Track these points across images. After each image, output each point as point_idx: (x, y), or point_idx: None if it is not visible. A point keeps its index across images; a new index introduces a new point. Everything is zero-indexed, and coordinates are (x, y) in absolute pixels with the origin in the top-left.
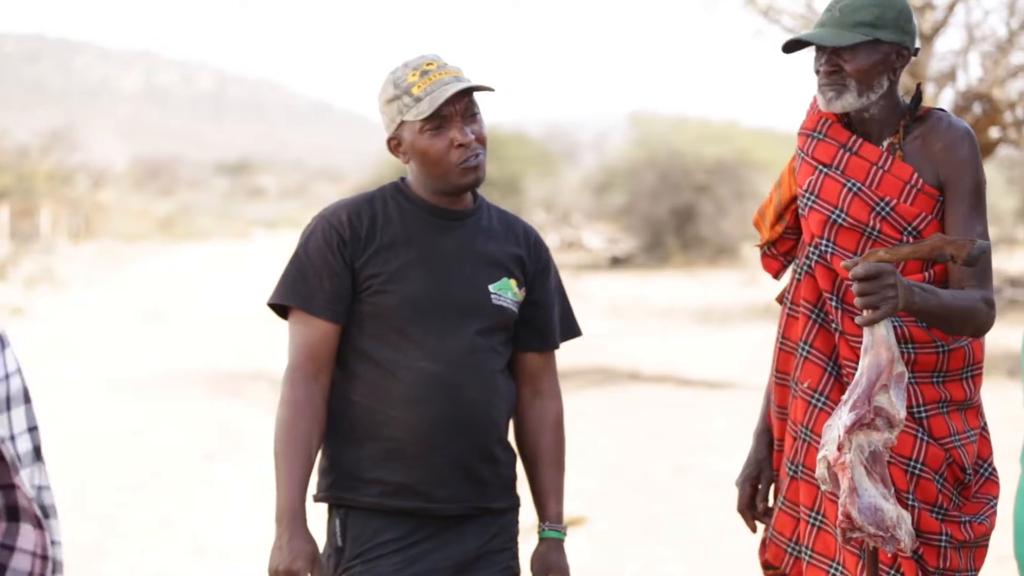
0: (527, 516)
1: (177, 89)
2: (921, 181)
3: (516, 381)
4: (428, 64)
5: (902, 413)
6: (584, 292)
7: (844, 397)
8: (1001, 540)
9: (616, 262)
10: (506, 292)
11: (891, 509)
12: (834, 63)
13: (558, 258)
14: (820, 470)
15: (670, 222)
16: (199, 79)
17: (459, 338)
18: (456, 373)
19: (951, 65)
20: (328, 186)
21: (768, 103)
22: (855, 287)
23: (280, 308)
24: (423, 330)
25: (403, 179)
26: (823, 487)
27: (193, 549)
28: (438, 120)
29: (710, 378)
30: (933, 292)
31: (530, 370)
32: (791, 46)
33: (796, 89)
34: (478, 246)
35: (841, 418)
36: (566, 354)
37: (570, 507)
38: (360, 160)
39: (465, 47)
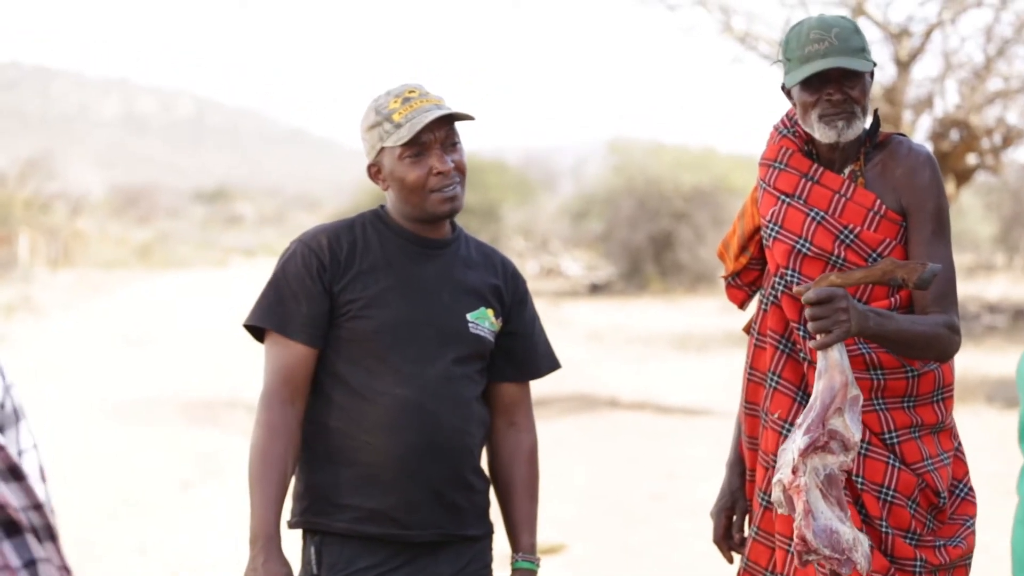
0: (500, 544)
1: (155, 116)
2: (884, 207)
3: (491, 411)
4: (410, 92)
5: (857, 436)
6: (563, 319)
7: (799, 421)
8: (980, 563)
9: (595, 289)
10: (483, 321)
11: (847, 532)
12: (843, 92)
13: (536, 285)
14: (776, 493)
15: (648, 249)
16: (177, 106)
17: (435, 366)
18: (432, 400)
19: (928, 92)
20: (305, 213)
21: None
22: (807, 312)
23: (256, 330)
24: (400, 357)
25: (383, 206)
26: (779, 510)
27: (170, 575)
28: (417, 147)
29: (688, 405)
30: (890, 317)
31: (506, 401)
32: (806, 79)
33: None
34: (456, 275)
35: (795, 441)
36: (545, 381)
37: (548, 533)
38: (337, 187)
39: (443, 76)
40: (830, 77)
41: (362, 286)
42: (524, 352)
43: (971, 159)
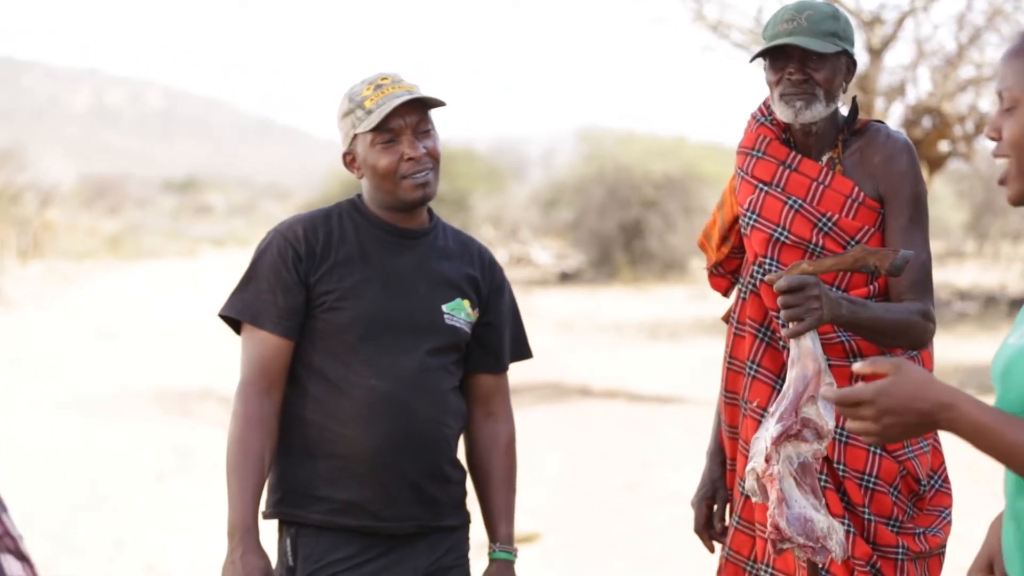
0: (477, 533)
1: (125, 107)
2: (862, 195)
3: (468, 402)
4: (383, 79)
5: (831, 424)
6: (533, 308)
7: (771, 409)
8: (955, 553)
9: (565, 277)
10: (459, 312)
11: (821, 520)
12: (805, 72)
13: (507, 274)
14: (750, 482)
15: (618, 237)
16: (147, 97)
17: (411, 357)
18: (407, 392)
19: (901, 79)
20: (275, 203)
21: (716, 118)
22: (779, 300)
23: (233, 321)
24: (375, 348)
25: (359, 196)
26: (754, 499)
27: (145, 568)
28: (389, 134)
29: (660, 393)
30: (863, 304)
31: (483, 391)
32: (762, 53)
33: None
34: (433, 265)
35: (768, 430)
36: (516, 370)
37: (522, 523)
38: (306, 177)
39: (412, 64)
40: (792, 56)
41: (338, 277)
42: (501, 342)
43: (943, 146)
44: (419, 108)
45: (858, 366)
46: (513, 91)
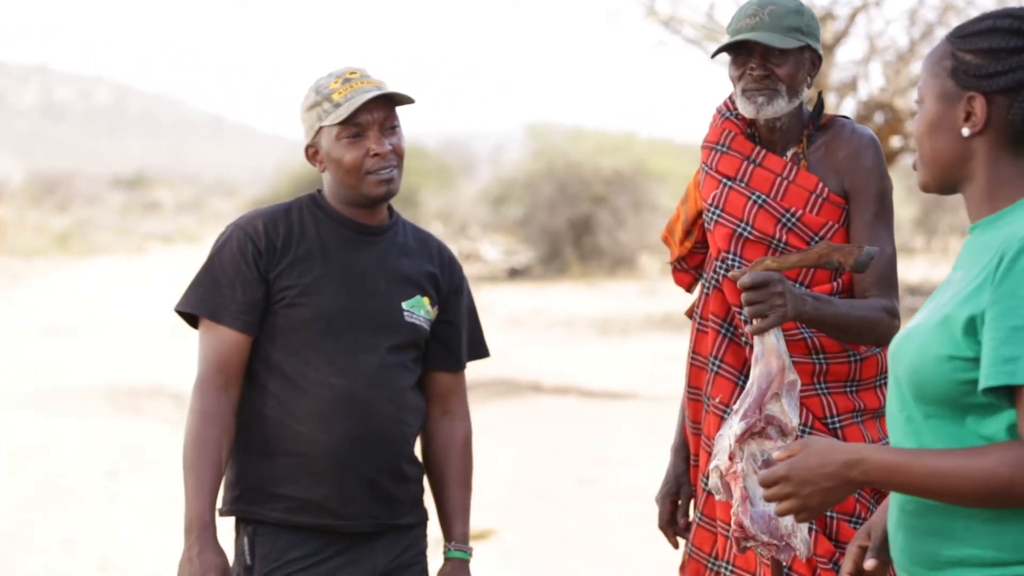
0: (432, 530)
1: (74, 103)
2: (826, 190)
3: (426, 399)
4: (351, 73)
5: (795, 421)
6: (483, 304)
7: (735, 406)
8: None
9: (514, 274)
10: (419, 310)
11: (785, 518)
12: (766, 68)
13: None
14: (713, 479)
15: (568, 233)
16: (96, 93)
17: (370, 354)
18: (366, 389)
19: (853, 75)
20: (223, 200)
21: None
22: (743, 296)
23: (189, 316)
24: (334, 345)
25: (319, 191)
26: (717, 497)
27: (98, 565)
28: (355, 128)
29: (612, 389)
30: (827, 301)
31: (440, 389)
32: (723, 49)
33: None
34: (393, 262)
35: (732, 427)
36: (468, 366)
37: (476, 520)
38: (255, 174)
39: (360, 60)
40: (754, 52)
41: (298, 273)
42: (459, 341)
43: (895, 142)
44: (387, 104)
45: (775, 454)
46: (463, 87)
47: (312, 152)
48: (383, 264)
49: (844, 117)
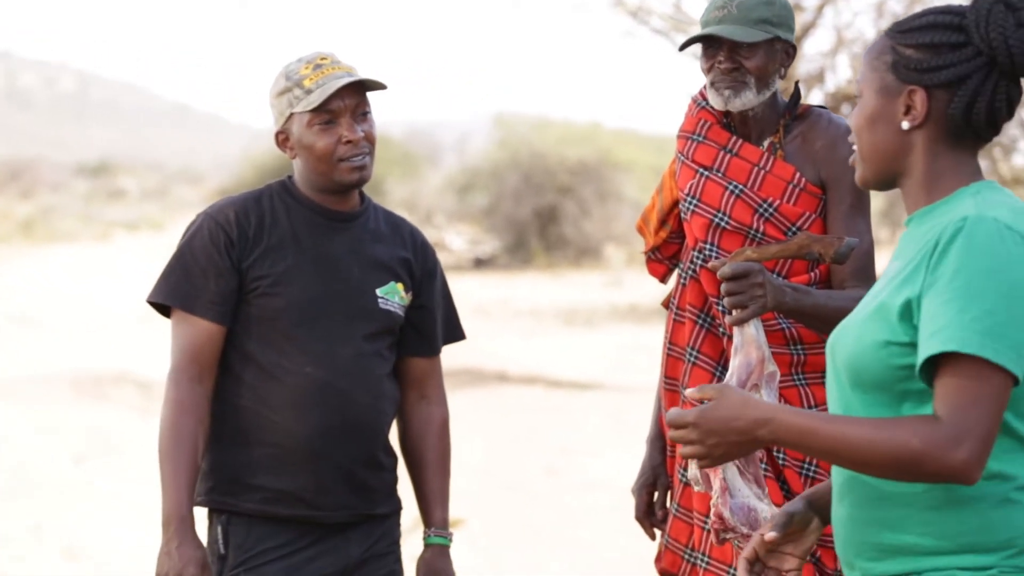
0: (407, 516)
1: (38, 91)
2: (803, 180)
3: (401, 385)
4: (322, 59)
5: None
6: None
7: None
8: None
9: (479, 263)
10: (393, 296)
11: (765, 509)
12: (735, 60)
13: None
14: (692, 470)
15: (533, 223)
16: (60, 80)
17: (345, 343)
18: (342, 379)
19: (820, 67)
20: (188, 188)
21: (631, 104)
22: (723, 287)
23: (162, 306)
24: (309, 334)
25: (290, 177)
26: (696, 487)
27: (64, 552)
28: (327, 115)
29: (578, 379)
30: (807, 292)
31: (416, 375)
32: (690, 42)
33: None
34: (366, 249)
35: None
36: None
37: None
38: (220, 162)
39: (326, 47)
40: (722, 45)
41: (271, 262)
42: (433, 325)
43: None
44: (358, 91)
45: (688, 392)
46: (428, 76)
47: (282, 139)
48: (356, 251)
49: (820, 107)
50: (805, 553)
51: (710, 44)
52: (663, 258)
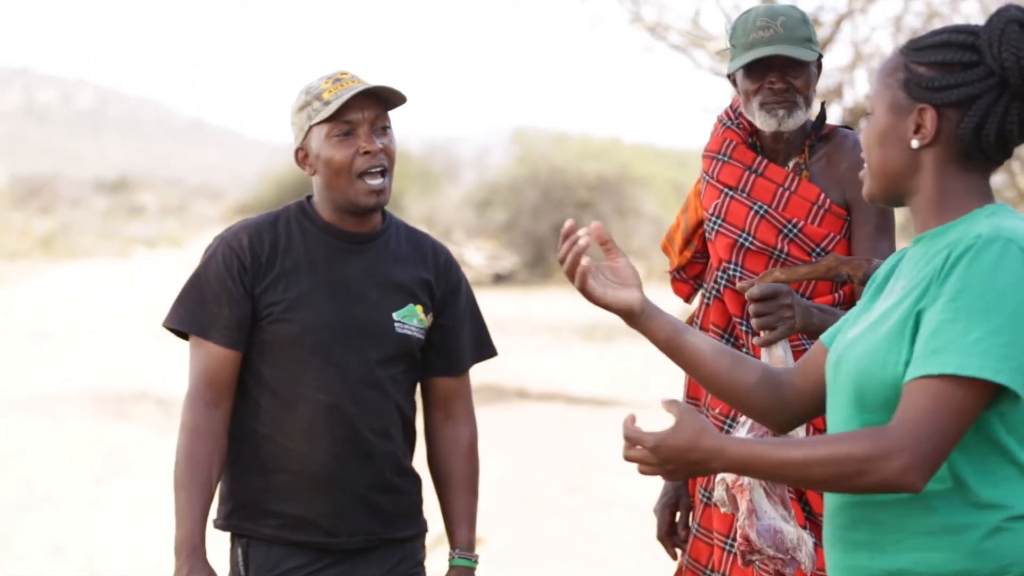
0: (430, 534)
1: (56, 106)
2: (828, 201)
3: (427, 405)
4: (342, 74)
5: (801, 434)
6: None
7: (742, 418)
8: None
9: (498, 279)
10: (411, 319)
11: (791, 531)
12: (786, 80)
13: None
14: (719, 492)
15: (552, 238)
16: (78, 96)
17: (360, 368)
18: (351, 405)
19: (838, 81)
20: (208, 204)
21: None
22: (752, 308)
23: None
24: (322, 360)
25: (309, 197)
26: (723, 509)
27: (85, 571)
28: (346, 126)
29: (598, 395)
30: (833, 313)
31: (441, 394)
32: (752, 64)
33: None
34: (384, 271)
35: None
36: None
37: None
38: (238, 178)
39: (344, 64)
40: (773, 65)
41: (284, 288)
42: (458, 345)
43: None
44: (378, 103)
45: (664, 403)
46: (446, 91)
47: (302, 155)
48: (373, 273)
49: (846, 127)
50: (612, 300)
51: (756, 65)
52: (688, 278)
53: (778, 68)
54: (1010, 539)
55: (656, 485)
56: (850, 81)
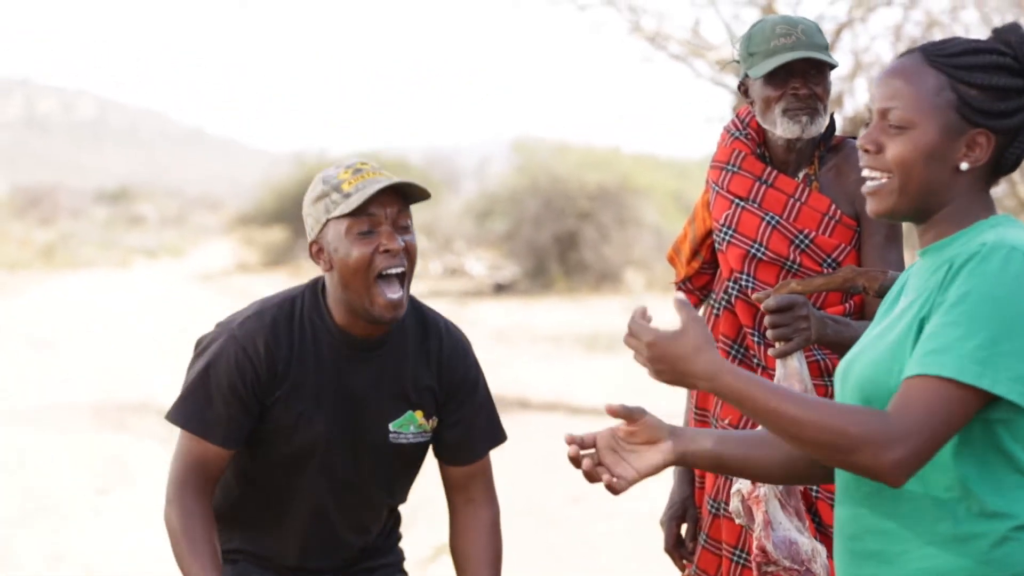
0: (427, 546)
1: (57, 117)
2: (839, 212)
3: (447, 488)
4: (362, 163)
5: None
6: (468, 319)
7: (758, 430)
8: None
9: (499, 289)
10: (407, 428)
11: (806, 543)
12: (809, 87)
13: (440, 286)
14: (735, 504)
15: (553, 248)
16: (79, 106)
17: (348, 474)
18: (337, 508)
19: (839, 91)
20: (207, 214)
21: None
22: (767, 319)
23: None
24: (313, 468)
25: (323, 287)
26: (737, 520)
27: None
28: (367, 222)
29: (600, 405)
30: (846, 324)
31: (460, 480)
32: (775, 70)
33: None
34: (388, 378)
35: None
36: None
37: None
38: (237, 187)
39: (345, 74)
40: (796, 71)
41: (291, 402)
42: (470, 436)
43: None
44: (400, 199)
45: (675, 301)
46: (446, 101)
47: (316, 249)
48: (378, 383)
49: (854, 138)
50: (644, 470)
51: (778, 72)
52: (694, 289)
53: (801, 74)
54: (1018, 548)
55: (661, 496)
56: (850, 90)
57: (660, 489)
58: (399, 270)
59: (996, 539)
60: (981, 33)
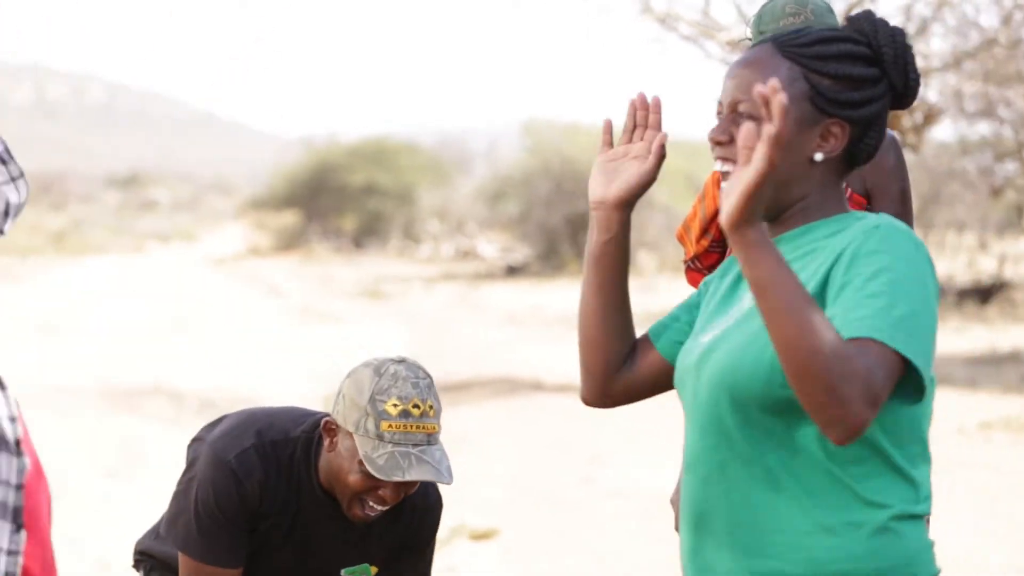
0: (446, 524)
1: (67, 102)
2: (849, 190)
3: None
4: (414, 406)
5: None
6: (480, 302)
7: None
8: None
9: (511, 271)
10: (357, 575)
11: None
12: None
13: (453, 268)
14: None
15: (564, 230)
16: (89, 91)
17: None
18: None
19: None
20: (220, 198)
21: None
22: None
23: None
24: None
25: (316, 442)
26: None
27: (100, 565)
28: (381, 480)
29: None
30: None
31: None
32: None
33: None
34: (355, 534)
35: None
36: (466, 364)
37: (479, 519)
38: (248, 170)
39: (355, 57)
40: None
41: (265, 538)
42: None
43: None
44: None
45: (770, 83)
46: (457, 83)
47: (331, 427)
48: (345, 534)
49: None
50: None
51: None
52: (702, 267)
53: None
54: (895, 540)
55: (669, 475)
56: None
57: (671, 470)
58: (385, 508)
59: (874, 529)
60: (991, 13)
